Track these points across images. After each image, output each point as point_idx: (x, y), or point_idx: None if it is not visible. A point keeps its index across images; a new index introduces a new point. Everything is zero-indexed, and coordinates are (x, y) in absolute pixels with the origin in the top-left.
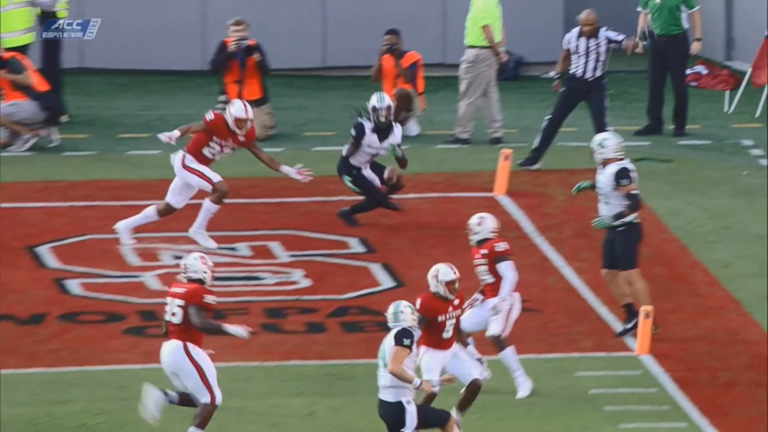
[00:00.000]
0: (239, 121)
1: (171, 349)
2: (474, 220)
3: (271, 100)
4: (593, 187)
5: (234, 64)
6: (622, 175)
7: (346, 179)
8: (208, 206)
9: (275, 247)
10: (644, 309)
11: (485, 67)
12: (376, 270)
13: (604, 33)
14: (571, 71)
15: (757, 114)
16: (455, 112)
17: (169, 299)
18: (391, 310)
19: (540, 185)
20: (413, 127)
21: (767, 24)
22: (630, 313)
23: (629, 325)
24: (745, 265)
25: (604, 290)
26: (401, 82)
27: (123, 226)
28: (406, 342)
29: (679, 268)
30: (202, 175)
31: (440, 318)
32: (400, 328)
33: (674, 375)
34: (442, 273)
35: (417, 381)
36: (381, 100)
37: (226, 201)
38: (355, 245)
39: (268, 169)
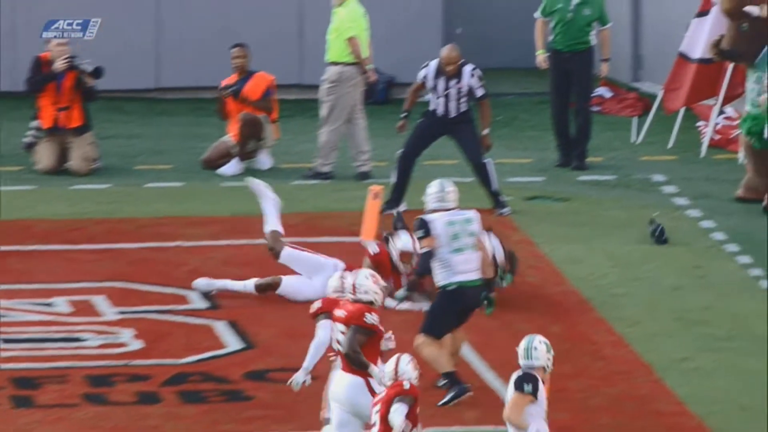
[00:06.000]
0: (405, 255)
1: (348, 385)
2: None
3: (95, 128)
4: None
5: (52, 85)
6: (416, 226)
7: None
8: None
9: (100, 302)
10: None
11: (350, 87)
12: (221, 329)
13: (469, 78)
14: (430, 107)
15: (670, 145)
16: (315, 142)
17: (333, 325)
18: (522, 344)
19: None
20: (265, 160)
21: (681, 39)
22: (451, 382)
23: (447, 398)
24: (657, 322)
25: (491, 353)
26: (251, 111)
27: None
28: (527, 388)
29: (580, 325)
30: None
31: None
32: (522, 373)
33: None
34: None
35: (533, 430)
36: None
37: (41, 247)
38: (196, 300)
39: (92, 209)
